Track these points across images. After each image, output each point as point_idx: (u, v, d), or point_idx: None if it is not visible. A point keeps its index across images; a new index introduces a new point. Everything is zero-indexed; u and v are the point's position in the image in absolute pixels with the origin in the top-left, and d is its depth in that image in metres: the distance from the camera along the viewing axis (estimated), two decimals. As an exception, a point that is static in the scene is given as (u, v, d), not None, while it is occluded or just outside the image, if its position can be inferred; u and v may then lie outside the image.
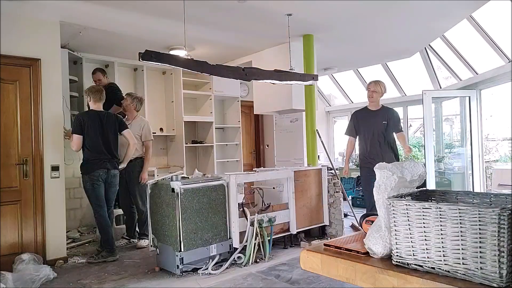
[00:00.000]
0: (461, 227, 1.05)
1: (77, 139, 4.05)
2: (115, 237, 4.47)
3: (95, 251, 4.30)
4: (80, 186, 5.72)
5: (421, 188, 1.42)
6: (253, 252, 3.88)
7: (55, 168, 4.09)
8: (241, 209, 3.98)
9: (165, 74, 6.65)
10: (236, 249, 3.86)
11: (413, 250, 1.16)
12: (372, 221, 1.38)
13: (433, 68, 6.88)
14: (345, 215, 5.29)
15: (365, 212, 5.24)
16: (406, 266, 1.17)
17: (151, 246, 3.87)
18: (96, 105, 4.22)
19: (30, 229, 3.92)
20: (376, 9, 4.32)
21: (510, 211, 0.98)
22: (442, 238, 1.09)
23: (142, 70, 6.18)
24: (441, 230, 1.09)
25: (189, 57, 3.36)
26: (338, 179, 4.99)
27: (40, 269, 3.49)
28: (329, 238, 4.72)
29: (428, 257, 1.12)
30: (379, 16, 4.59)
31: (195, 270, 3.63)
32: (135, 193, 4.73)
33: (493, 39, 5.24)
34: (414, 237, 1.16)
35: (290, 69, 4.48)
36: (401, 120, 4.75)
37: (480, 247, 1.01)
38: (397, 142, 4.67)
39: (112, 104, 4.98)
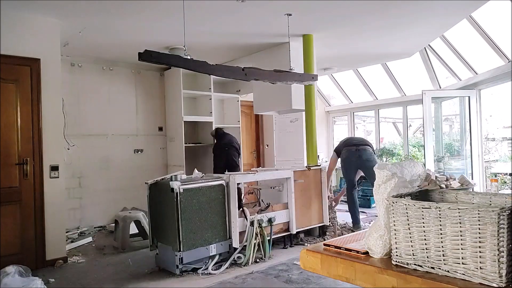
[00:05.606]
0: (460, 227, 1.05)
1: None
2: None
3: None
4: (79, 186, 5.72)
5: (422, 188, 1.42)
6: (253, 252, 3.88)
7: (54, 168, 4.09)
8: (241, 209, 3.98)
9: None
10: (236, 249, 3.86)
11: (412, 250, 1.16)
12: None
13: (433, 68, 6.87)
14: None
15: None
16: (406, 266, 1.17)
17: (150, 246, 3.87)
18: None
19: (30, 229, 3.92)
20: (376, 9, 4.32)
21: (510, 211, 0.98)
22: (441, 238, 1.09)
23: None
24: (441, 230, 1.09)
25: (189, 57, 3.34)
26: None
27: (30, 281, 3.13)
28: (329, 238, 4.71)
29: (427, 257, 1.12)
30: (379, 16, 4.58)
31: (194, 270, 3.63)
32: None
33: (493, 39, 5.24)
34: (414, 237, 1.16)
35: (290, 69, 4.48)
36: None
37: (479, 247, 1.01)
38: None
39: None
